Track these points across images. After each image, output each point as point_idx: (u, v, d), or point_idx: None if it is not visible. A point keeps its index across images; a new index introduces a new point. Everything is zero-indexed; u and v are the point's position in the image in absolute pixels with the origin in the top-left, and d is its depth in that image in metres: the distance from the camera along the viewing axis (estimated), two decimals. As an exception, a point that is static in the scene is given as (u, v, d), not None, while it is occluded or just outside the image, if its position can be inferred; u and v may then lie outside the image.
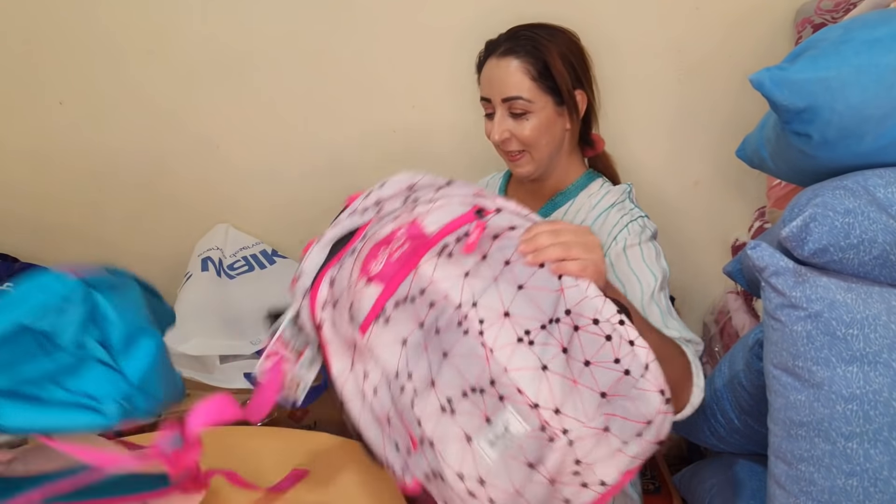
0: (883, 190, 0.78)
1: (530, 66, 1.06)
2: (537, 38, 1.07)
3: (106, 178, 1.61)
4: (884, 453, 0.76)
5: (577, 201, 1.14)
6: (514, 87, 1.06)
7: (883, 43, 0.79)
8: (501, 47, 1.08)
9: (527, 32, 1.09)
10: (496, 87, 1.08)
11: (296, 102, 1.53)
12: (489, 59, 1.10)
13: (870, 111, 0.79)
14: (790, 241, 0.83)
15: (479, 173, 1.53)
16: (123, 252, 1.69)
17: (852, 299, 0.79)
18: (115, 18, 1.47)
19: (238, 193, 1.63)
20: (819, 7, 1.22)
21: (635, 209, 1.09)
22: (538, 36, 1.08)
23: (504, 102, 1.08)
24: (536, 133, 1.08)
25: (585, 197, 1.14)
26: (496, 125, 1.09)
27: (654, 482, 1.43)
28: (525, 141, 1.09)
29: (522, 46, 1.06)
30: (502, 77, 1.07)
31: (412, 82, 1.49)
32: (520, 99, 1.06)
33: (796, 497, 0.82)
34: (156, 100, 1.53)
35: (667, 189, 1.49)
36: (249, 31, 1.46)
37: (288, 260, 1.63)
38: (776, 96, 0.83)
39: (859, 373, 0.78)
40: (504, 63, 1.07)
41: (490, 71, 1.09)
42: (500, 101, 1.08)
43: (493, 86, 1.09)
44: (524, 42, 1.07)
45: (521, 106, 1.07)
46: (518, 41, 1.07)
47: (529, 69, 1.06)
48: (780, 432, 0.84)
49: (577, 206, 1.13)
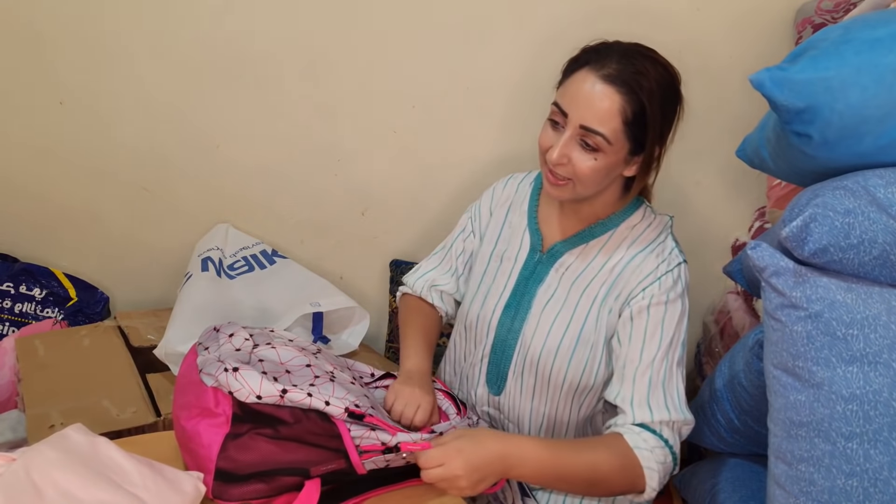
0: (883, 190, 0.78)
1: (627, 105, 0.94)
2: (647, 75, 0.95)
3: (106, 178, 1.61)
4: (884, 453, 0.76)
5: (617, 232, 1.08)
6: (600, 121, 0.95)
7: (883, 43, 0.79)
8: (607, 68, 0.95)
9: (640, 63, 0.95)
10: (581, 108, 0.96)
11: (296, 102, 1.52)
12: (589, 71, 0.96)
13: (870, 111, 0.79)
14: (790, 241, 0.83)
15: (480, 174, 1.54)
16: (123, 252, 1.69)
17: (852, 299, 0.79)
18: (116, 18, 1.46)
19: (238, 193, 1.62)
20: (819, 7, 1.22)
21: (674, 251, 1.06)
22: (648, 73, 0.95)
23: (581, 128, 0.96)
24: (594, 174, 0.98)
25: (627, 229, 1.08)
26: (560, 146, 0.98)
27: (654, 482, 1.42)
28: (579, 175, 0.99)
29: (629, 80, 0.94)
30: (593, 103, 0.95)
31: (412, 82, 1.49)
32: (600, 136, 0.95)
33: (796, 497, 0.82)
34: (156, 100, 1.53)
35: (667, 189, 1.49)
36: (250, 31, 1.46)
37: (288, 260, 1.63)
38: (776, 96, 0.83)
39: (859, 373, 0.78)
40: (602, 89, 0.94)
41: (582, 87, 0.96)
42: (577, 125, 0.96)
43: (578, 105, 0.96)
44: (633, 75, 0.94)
45: (596, 142, 0.96)
46: (626, 69, 0.95)
47: (626, 109, 0.94)
48: (780, 432, 0.84)
49: (617, 237, 1.08)
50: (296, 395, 0.88)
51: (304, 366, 0.97)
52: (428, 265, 1.28)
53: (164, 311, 1.50)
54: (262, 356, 0.96)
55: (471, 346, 1.18)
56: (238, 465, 0.86)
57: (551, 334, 1.07)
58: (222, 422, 0.87)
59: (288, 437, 0.88)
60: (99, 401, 1.20)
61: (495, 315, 1.13)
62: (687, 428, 1.00)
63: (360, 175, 1.59)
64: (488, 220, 1.22)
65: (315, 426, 0.89)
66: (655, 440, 0.97)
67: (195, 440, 0.88)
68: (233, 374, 0.87)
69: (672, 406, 0.99)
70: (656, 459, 0.96)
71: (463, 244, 1.25)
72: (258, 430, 0.87)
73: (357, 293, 1.62)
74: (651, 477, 0.95)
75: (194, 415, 0.89)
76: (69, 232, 1.67)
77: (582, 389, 1.07)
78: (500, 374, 1.13)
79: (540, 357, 1.07)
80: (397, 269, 1.63)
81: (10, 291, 1.62)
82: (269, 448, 0.87)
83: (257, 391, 0.87)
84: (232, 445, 0.86)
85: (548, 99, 1.03)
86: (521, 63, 1.44)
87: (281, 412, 0.88)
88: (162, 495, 0.79)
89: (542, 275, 1.11)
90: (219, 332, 1.00)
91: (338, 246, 1.68)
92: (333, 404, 0.90)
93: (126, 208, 1.64)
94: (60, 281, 1.65)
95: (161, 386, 1.28)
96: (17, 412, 1.32)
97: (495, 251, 1.18)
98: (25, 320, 1.62)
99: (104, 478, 0.78)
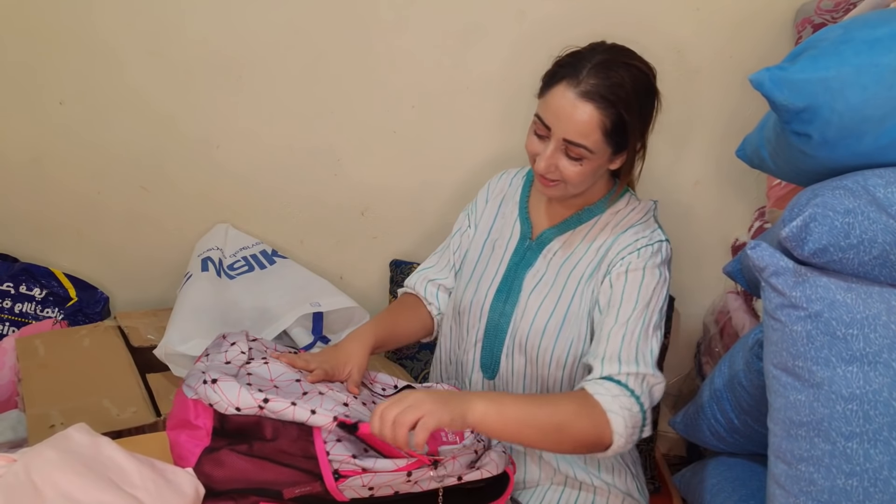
0: (883, 190, 0.78)
1: (606, 118, 0.98)
2: (623, 86, 0.98)
3: (106, 178, 1.61)
4: (884, 453, 0.76)
5: (602, 218, 1.13)
6: (582, 135, 0.99)
7: (883, 43, 0.79)
8: (583, 84, 0.97)
9: (615, 74, 0.98)
10: (563, 123, 0.99)
11: (296, 102, 1.52)
12: (566, 87, 0.99)
13: (870, 111, 0.79)
14: (790, 241, 0.83)
15: (479, 174, 1.54)
16: (123, 252, 1.69)
17: (852, 299, 0.79)
18: (116, 18, 1.46)
19: (238, 193, 1.62)
20: (819, 7, 1.22)
21: (657, 231, 1.10)
22: (624, 83, 0.98)
23: (564, 141, 1.00)
24: (582, 177, 1.04)
25: (612, 214, 1.13)
26: (546, 157, 1.02)
27: (654, 482, 1.43)
28: (567, 179, 1.04)
29: (606, 94, 0.97)
30: (573, 118, 0.98)
31: (412, 82, 1.49)
32: (582, 147, 1.00)
33: (796, 497, 0.82)
34: (156, 100, 1.53)
35: (667, 189, 1.49)
36: (250, 31, 1.46)
37: (288, 260, 1.63)
38: (776, 96, 0.83)
39: (859, 373, 0.78)
40: (580, 106, 0.97)
41: (561, 103, 0.99)
42: (560, 139, 1.00)
43: (559, 120, 1.00)
44: (609, 88, 0.97)
45: (579, 153, 1.01)
46: (602, 83, 0.97)
47: (605, 122, 0.98)
48: (780, 432, 0.84)
49: (602, 222, 1.13)
50: (277, 404, 0.86)
51: (294, 381, 0.95)
52: (426, 265, 1.30)
53: (164, 311, 1.50)
54: (252, 371, 0.94)
55: (463, 332, 1.19)
56: (211, 481, 0.84)
57: (538, 315, 1.10)
58: (202, 435, 0.86)
59: (262, 455, 0.85)
60: (99, 401, 1.21)
61: (487, 299, 1.15)
62: (658, 387, 1.00)
63: (360, 175, 1.59)
64: (483, 208, 1.26)
65: (290, 445, 0.86)
66: (619, 388, 0.96)
67: (175, 450, 0.87)
68: (211, 386, 0.86)
69: (642, 361, 0.99)
70: (620, 405, 0.95)
71: (460, 239, 1.27)
72: (233, 445, 0.85)
73: (357, 293, 1.62)
74: (616, 421, 0.94)
75: (175, 425, 0.88)
76: (69, 232, 1.67)
77: (570, 367, 1.10)
78: (494, 358, 1.15)
79: (528, 337, 1.10)
80: (397, 269, 1.63)
81: (10, 291, 1.62)
82: (243, 465, 0.84)
83: (235, 402, 0.85)
84: (207, 460, 0.84)
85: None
86: (521, 63, 1.44)
87: (260, 426, 0.86)
88: (162, 497, 0.79)
89: (531, 260, 1.14)
90: (224, 341, 0.99)
91: (338, 246, 1.68)
92: (321, 413, 0.87)
93: (126, 208, 1.64)
94: (60, 281, 1.65)
95: (161, 386, 1.28)
96: (17, 412, 1.32)
97: (488, 240, 1.22)
98: (25, 320, 1.62)
99: (104, 479, 0.78)
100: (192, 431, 0.86)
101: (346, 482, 0.84)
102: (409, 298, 1.29)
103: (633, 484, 1.14)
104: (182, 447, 0.86)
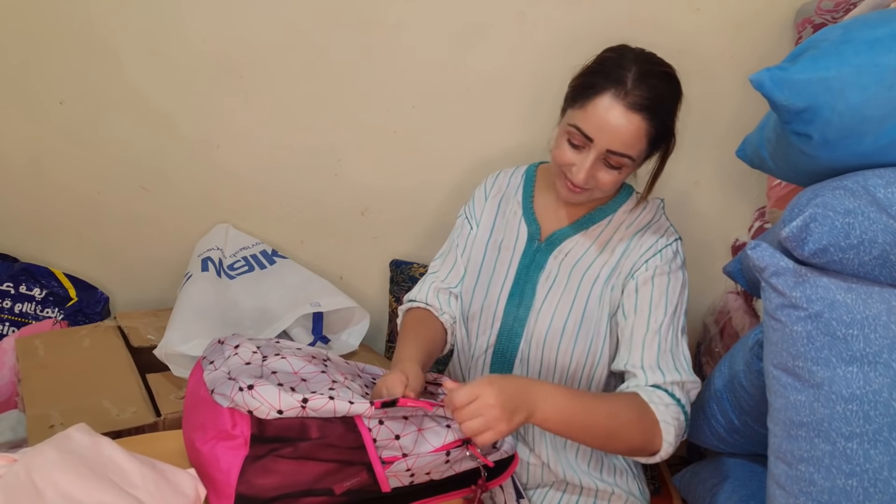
0: (883, 190, 0.79)
1: (652, 127, 0.99)
2: (665, 96, 0.99)
3: (106, 178, 1.61)
4: (884, 453, 0.76)
5: (616, 217, 1.14)
6: (628, 146, 0.98)
7: (883, 43, 0.79)
8: (630, 95, 0.97)
9: (657, 85, 0.98)
10: (607, 135, 0.98)
11: (296, 102, 1.52)
12: (613, 99, 0.97)
13: (870, 111, 0.79)
14: (790, 241, 0.83)
15: (479, 173, 1.53)
16: (123, 252, 1.69)
17: (852, 299, 0.79)
18: (116, 18, 1.46)
19: (238, 193, 1.62)
20: (819, 7, 1.22)
21: (670, 229, 1.12)
22: (663, 90, 0.99)
23: (607, 152, 0.99)
24: (616, 184, 1.04)
25: (624, 213, 1.14)
26: (586, 168, 1.01)
27: (654, 482, 1.43)
28: (602, 186, 1.04)
29: (653, 106, 0.97)
30: (621, 130, 0.97)
31: (413, 82, 1.49)
32: (626, 157, 1.00)
33: (796, 497, 0.82)
34: (156, 100, 1.53)
35: (667, 189, 1.49)
36: (250, 30, 1.46)
37: (288, 260, 1.62)
38: (776, 96, 0.83)
39: (859, 373, 0.78)
40: (630, 117, 0.97)
41: (608, 116, 0.97)
42: (604, 150, 0.99)
43: (603, 132, 0.98)
44: (655, 100, 0.97)
45: (620, 162, 1.00)
46: (648, 95, 0.97)
47: (651, 132, 0.99)
48: (780, 432, 0.84)
49: (616, 221, 1.13)
50: (317, 401, 0.82)
51: (320, 372, 0.92)
52: (431, 273, 1.25)
53: (164, 311, 1.50)
54: (274, 367, 0.91)
55: (472, 338, 1.17)
56: (259, 490, 0.80)
57: (555, 318, 1.10)
58: (240, 444, 0.82)
59: (308, 453, 0.82)
60: (99, 401, 1.20)
61: (500, 304, 1.14)
62: (695, 390, 1.04)
63: (360, 175, 1.59)
64: (483, 206, 1.24)
65: (337, 437, 0.83)
66: (668, 398, 1.00)
67: (212, 465, 0.82)
68: (248, 393, 0.82)
69: (681, 369, 1.03)
70: (671, 415, 0.98)
71: (465, 242, 1.24)
72: (278, 450, 0.82)
73: (357, 293, 1.62)
74: (667, 431, 0.97)
75: (210, 437, 0.83)
76: (69, 232, 1.67)
77: (588, 369, 1.10)
78: (506, 363, 1.13)
79: (546, 340, 1.10)
80: (397, 269, 1.63)
81: (10, 291, 1.62)
82: (290, 468, 0.81)
83: (277, 405, 0.81)
84: (251, 469, 0.81)
85: (549, 99, 1.03)
86: (521, 63, 1.44)
87: (303, 426, 0.83)
88: (163, 497, 0.79)
89: (541, 262, 1.14)
90: (223, 345, 0.95)
91: (338, 246, 1.68)
92: (357, 402, 0.84)
93: (126, 208, 1.64)
94: (60, 281, 1.65)
95: (161, 386, 1.28)
96: (17, 412, 1.32)
97: (491, 240, 1.20)
98: (25, 320, 1.62)
99: (105, 479, 0.77)
100: (229, 441, 0.82)
101: (390, 468, 0.85)
102: (420, 313, 1.20)
103: (634, 485, 1.14)
104: (221, 459, 0.82)
